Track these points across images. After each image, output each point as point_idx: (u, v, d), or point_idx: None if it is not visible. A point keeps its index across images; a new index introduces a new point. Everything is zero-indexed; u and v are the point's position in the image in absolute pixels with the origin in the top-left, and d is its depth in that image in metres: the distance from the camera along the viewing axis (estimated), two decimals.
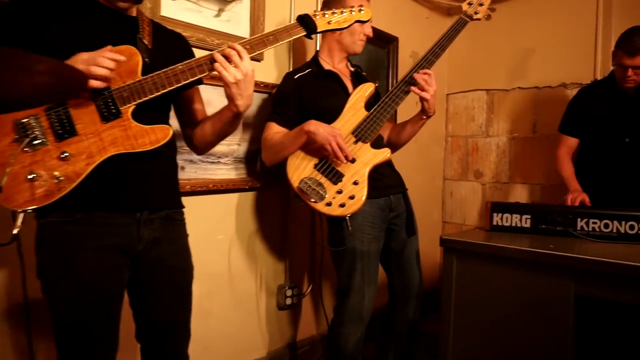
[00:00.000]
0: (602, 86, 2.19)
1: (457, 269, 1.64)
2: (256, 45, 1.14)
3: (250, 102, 1.18)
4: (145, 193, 1.14)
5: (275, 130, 1.74)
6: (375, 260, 1.77)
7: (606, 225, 1.64)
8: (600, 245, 1.55)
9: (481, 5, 1.87)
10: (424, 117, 1.81)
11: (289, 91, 1.78)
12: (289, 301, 2.14)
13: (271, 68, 2.05)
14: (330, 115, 1.71)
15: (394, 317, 1.92)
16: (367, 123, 1.69)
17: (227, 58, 1.10)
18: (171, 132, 1.09)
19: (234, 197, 1.96)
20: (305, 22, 1.16)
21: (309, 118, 1.66)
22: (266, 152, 1.76)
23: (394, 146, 1.94)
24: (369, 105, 1.74)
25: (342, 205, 1.62)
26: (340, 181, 1.65)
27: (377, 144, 1.72)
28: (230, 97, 1.14)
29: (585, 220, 1.67)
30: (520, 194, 2.93)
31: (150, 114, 1.11)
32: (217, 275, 1.93)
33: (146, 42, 1.14)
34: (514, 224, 1.77)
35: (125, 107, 1.06)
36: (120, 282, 1.14)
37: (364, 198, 1.62)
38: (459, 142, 3.21)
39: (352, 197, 1.62)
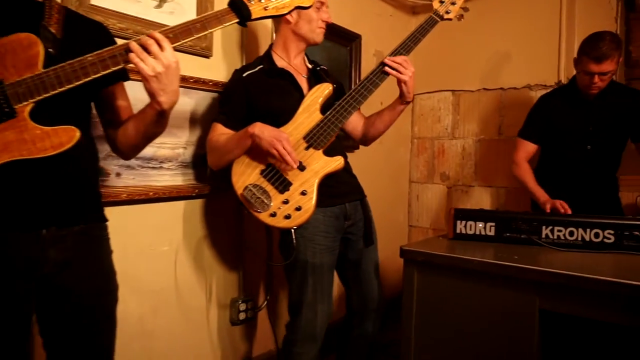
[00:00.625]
0: (563, 93, 2.13)
1: (418, 281, 1.54)
2: (180, 33, 0.99)
3: (175, 98, 1.03)
4: (51, 206, 0.98)
5: (220, 132, 1.60)
6: (329, 274, 1.65)
7: (571, 233, 1.57)
8: (565, 255, 1.47)
9: (453, 4, 1.76)
10: (403, 103, 1.69)
11: (236, 90, 1.65)
12: (242, 316, 1.99)
13: (220, 64, 1.90)
14: (281, 117, 1.58)
15: (352, 333, 1.81)
16: (321, 128, 1.57)
17: (145, 48, 0.95)
18: (78, 135, 0.92)
19: (179, 205, 1.80)
20: (238, 7, 1.02)
21: (258, 120, 1.53)
22: (211, 154, 1.63)
23: (369, 138, 1.83)
24: (326, 108, 1.61)
25: (287, 217, 1.49)
26: (288, 190, 1.53)
27: (332, 150, 1.60)
28: (150, 93, 0.99)
29: (550, 228, 1.59)
30: (485, 198, 2.87)
31: (55, 113, 0.94)
32: (162, 290, 1.77)
33: (53, 31, 0.98)
34: (477, 232, 1.67)
35: (20, 105, 0.89)
36: (21, 312, 0.97)
37: (311, 210, 1.51)
38: (425, 144, 3.13)
39: (298, 209, 1.50)
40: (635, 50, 2.74)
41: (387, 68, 1.62)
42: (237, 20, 1.03)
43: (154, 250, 1.72)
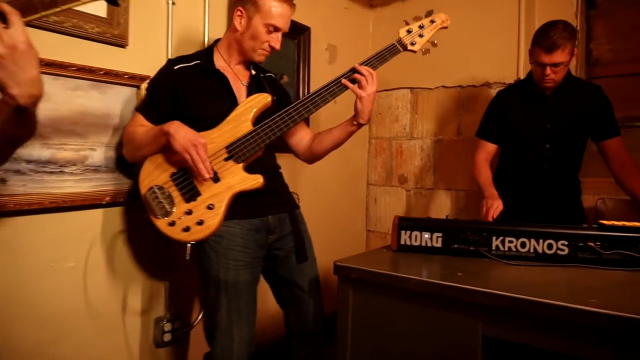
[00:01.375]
0: (520, 88, 2.00)
1: (354, 300, 1.36)
2: (22, 10, 0.78)
3: (36, 91, 0.81)
4: None
5: (139, 123, 1.46)
6: (247, 293, 1.45)
7: (523, 244, 1.42)
8: (516, 270, 1.32)
9: (421, 36, 1.60)
10: (355, 123, 1.52)
11: (164, 82, 1.48)
12: (168, 337, 1.78)
13: (138, 55, 1.67)
14: (207, 121, 1.42)
15: (293, 356, 1.63)
16: (247, 140, 1.41)
17: None
18: None
19: (89, 214, 1.57)
20: None
21: (183, 119, 1.37)
22: (126, 146, 1.50)
23: (314, 155, 1.65)
24: (262, 120, 1.45)
25: (186, 230, 1.35)
26: (194, 200, 1.38)
27: (258, 166, 1.45)
28: None
29: (501, 238, 1.44)
30: (445, 202, 2.73)
31: None
32: (68, 312, 1.54)
33: None
34: (423, 244, 1.51)
35: None
36: None
37: (213, 228, 1.36)
38: (383, 145, 2.97)
39: (200, 223, 1.34)
40: (596, 48, 2.64)
41: (344, 80, 1.49)
42: None
43: (56, 268, 1.49)
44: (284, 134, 1.48)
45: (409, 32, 1.59)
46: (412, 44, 1.59)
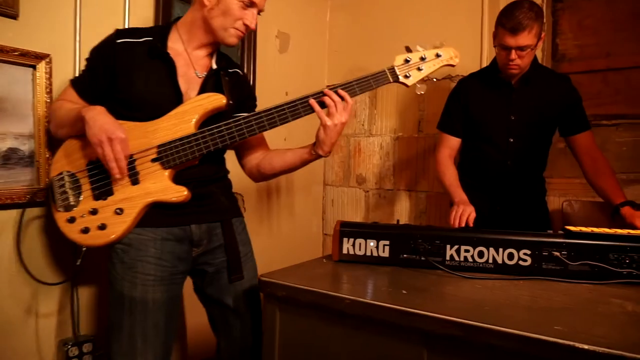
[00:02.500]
0: (483, 76, 1.82)
1: (282, 323, 1.14)
2: None
3: None
4: None
5: (69, 98, 1.28)
6: (158, 314, 1.21)
7: (480, 254, 1.24)
8: (471, 286, 1.12)
9: (419, 70, 1.35)
10: (314, 152, 1.31)
11: (102, 55, 1.25)
12: None
13: (35, 27, 1.39)
14: (145, 110, 1.21)
15: None
16: (182, 145, 1.20)
17: None
18: None
19: None
20: None
21: (116, 102, 1.20)
22: (52, 119, 1.32)
23: (260, 173, 1.43)
24: (211, 122, 1.24)
25: (84, 231, 1.16)
26: (103, 199, 1.17)
27: (190, 175, 1.25)
28: None
29: (456, 247, 1.25)
30: (405, 203, 2.55)
31: None
32: None
33: None
34: (368, 253, 1.30)
35: None
36: None
37: (115, 236, 1.16)
38: (341, 142, 2.76)
39: (102, 227, 1.13)
40: (563, 43, 2.51)
41: (311, 101, 1.26)
42: None
43: None
44: (226, 146, 1.26)
45: (406, 61, 1.34)
46: (407, 76, 1.34)
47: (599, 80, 2.30)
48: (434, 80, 2.39)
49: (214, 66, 1.33)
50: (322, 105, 1.26)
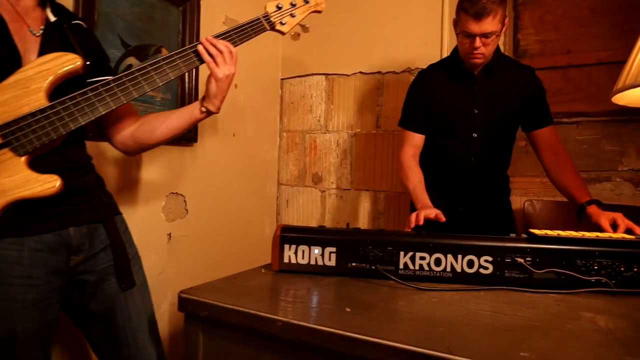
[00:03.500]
0: (444, 67, 1.69)
1: (206, 348, 0.96)
2: None
3: None
4: None
5: None
6: (32, 347, 0.98)
7: (438, 262, 1.09)
8: (426, 300, 0.98)
9: (292, 16, 1.30)
10: (204, 109, 1.16)
11: None
12: None
13: None
14: None
15: None
16: (36, 121, 0.95)
17: None
18: None
19: None
20: None
21: None
22: None
23: (140, 146, 1.22)
24: (61, 91, 0.99)
25: None
26: None
27: (50, 159, 0.99)
28: None
29: (410, 254, 1.10)
30: (364, 204, 2.41)
31: None
32: None
33: None
34: (313, 262, 1.14)
35: None
36: None
37: None
38: (295, 139, 2.60)
39: None
40: (524, 38, 2.43)
41: (200, 48, 1.13)
42: None
43: None
44: (101, 117, 1.03)
45: (278, 7, 1.27)
46: (282, 23, 1.28)
47: (560, 77, 2.24)
48: (394, 72, 2.27)
49: (52, 18, 1.06)
50: (201, 60, 1.15)
